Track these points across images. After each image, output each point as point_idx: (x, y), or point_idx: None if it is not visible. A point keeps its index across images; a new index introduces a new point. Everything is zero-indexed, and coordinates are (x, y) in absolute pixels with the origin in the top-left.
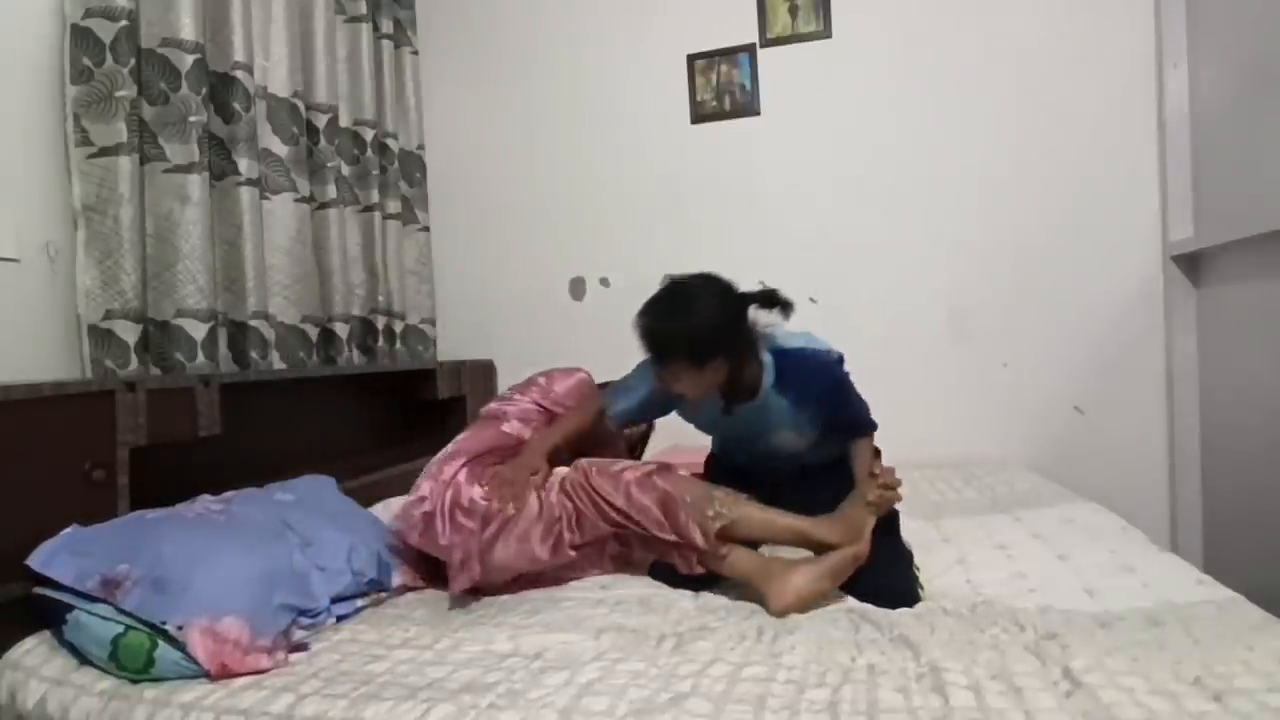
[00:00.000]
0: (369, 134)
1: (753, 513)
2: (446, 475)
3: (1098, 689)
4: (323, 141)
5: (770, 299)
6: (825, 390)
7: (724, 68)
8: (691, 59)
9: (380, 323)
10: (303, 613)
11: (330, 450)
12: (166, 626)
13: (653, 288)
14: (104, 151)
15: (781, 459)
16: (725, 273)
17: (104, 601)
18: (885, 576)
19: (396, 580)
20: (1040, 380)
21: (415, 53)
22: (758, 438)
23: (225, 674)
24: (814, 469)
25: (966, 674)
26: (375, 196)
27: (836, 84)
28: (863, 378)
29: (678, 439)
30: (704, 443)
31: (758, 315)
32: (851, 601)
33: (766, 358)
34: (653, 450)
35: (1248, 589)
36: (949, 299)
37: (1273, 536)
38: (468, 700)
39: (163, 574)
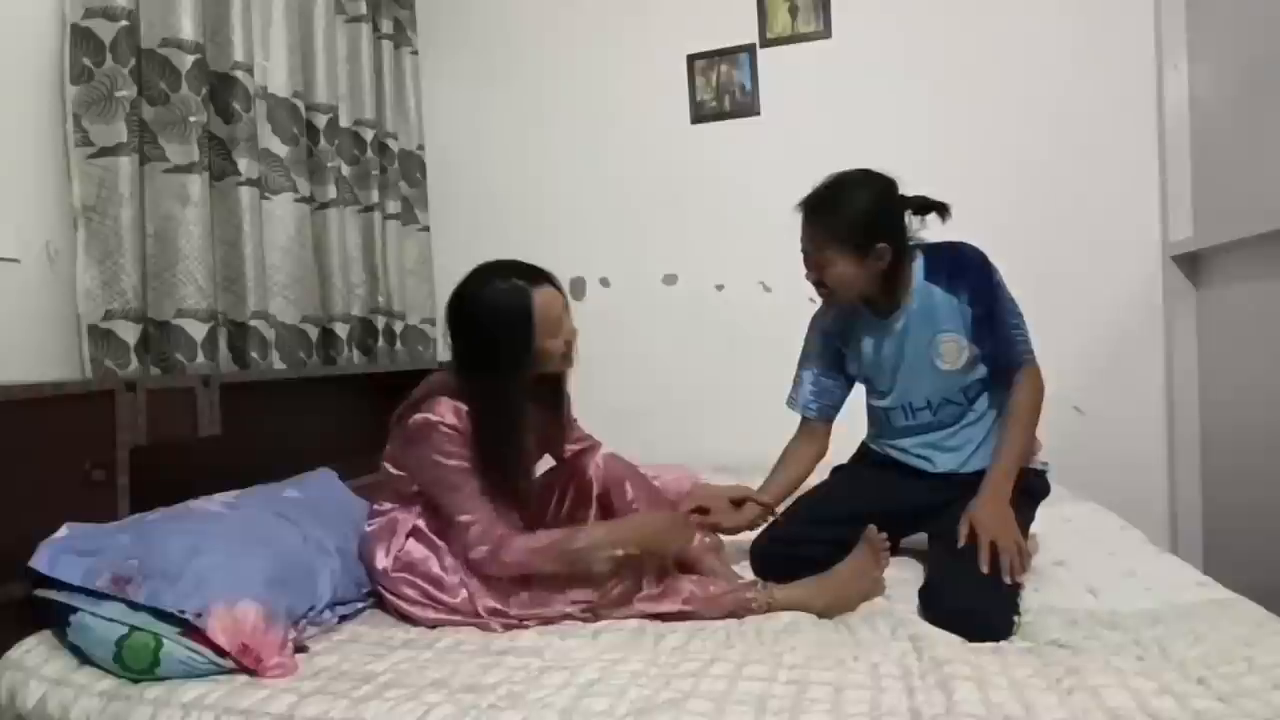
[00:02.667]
0: (369, 134)
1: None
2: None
3: (1101, 689)
4: (323, 141)
5: (925, 204)
6: (978, 265)
7: (724, 68)
8: (691, 59)
9: (380, 323)
10: (306, 611)
11: (330, 450)
12: (185, 615)
13: (653, 287)
14: (104, 151)
15: (946, 416)
16: (725, 273)
17: (114, 599)
18: (971, 598)
19: None
20: None
21: (415, 53)
22: (924, 361)
23: (246, 655)
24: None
25: (969, 673)
26: (375, 196)
27: (836, 84)
28: None
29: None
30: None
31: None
32: (876, 607)
33: (916, 257)
34: (665, 457)
35: (1248, 589)
36: None
37: (1273, 536)
38: (468, 700)
39: (174, 569)
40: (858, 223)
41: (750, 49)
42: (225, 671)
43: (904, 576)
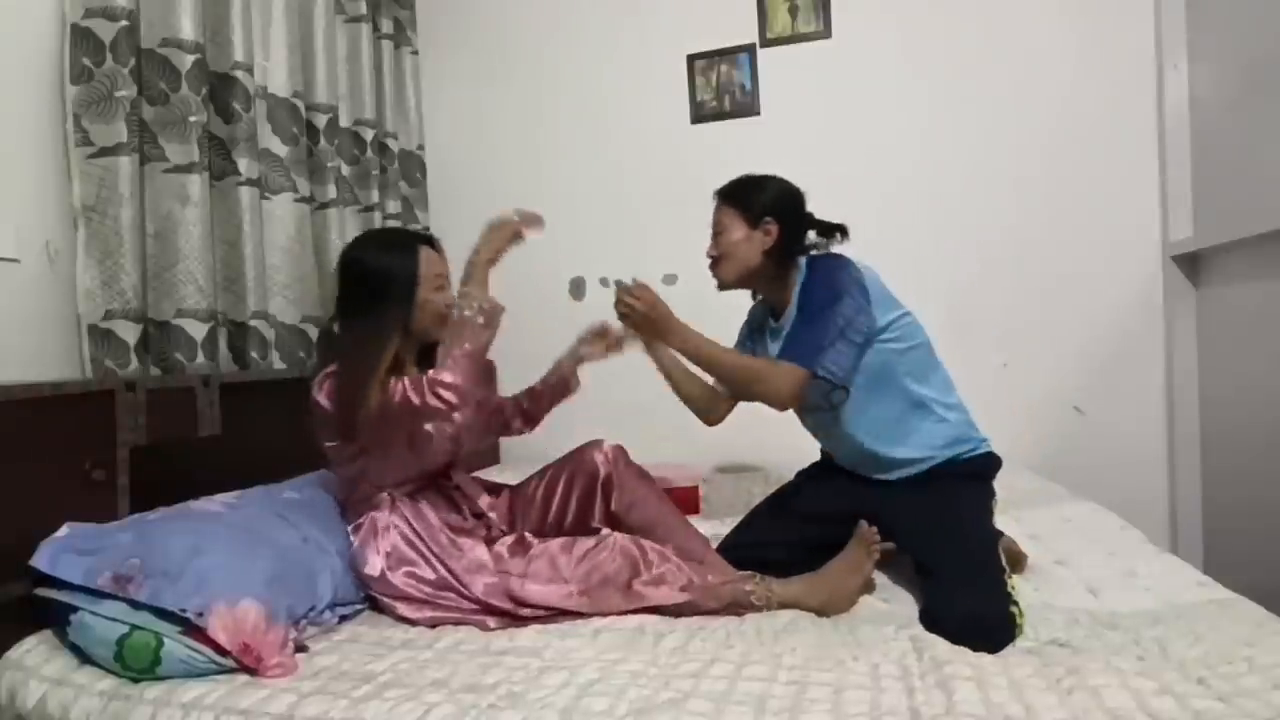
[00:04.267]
0: (369, 134)
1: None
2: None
3: (1101, 689)
4: (323, 141)
5: (829, 228)
6: (827, 273)
7: (724, 68)
8: (691, 59)
9: None
10: (307, 611)
11: None
12: (186, 614)
13: (653, 287)
14: (104, 151)
15: (824, 419)
16: None
17: (116, 598)
18: (958, 603)
19: None
20: (1040, 380)
21: (415, 53)
22: None
23: (246, 654)
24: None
25: (969, 673)
26: (375, 196)
27: (836, 84)
28: None
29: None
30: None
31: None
32: (875, 608)
33: (800, 265)
34: (667, 456)
35: (1248, 589)
36: (949, 298)
37: (1273, 536)
38: (468, 700)
39: (175, 568)
40: (755, 198)
41: (750, 49)
42: (225, 671)
43: (902, 577)
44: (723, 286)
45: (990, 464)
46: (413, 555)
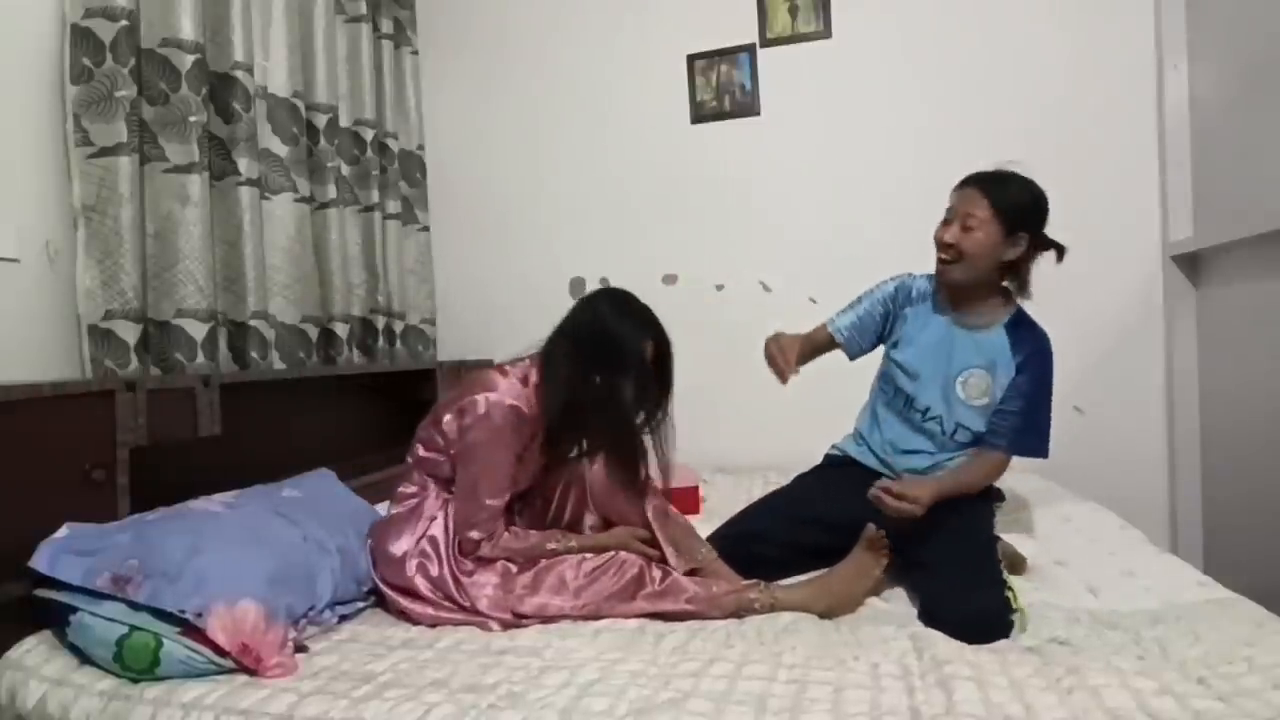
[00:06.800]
0: (369, 134)
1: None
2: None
3: (1101, 688)
4: (323, 141)
5: (1052, 245)
6: (1048, 352)
7: (724, 68)
8: (691, 59)
9: (380, 323)
10: (306, 611)
11: (330, 450)
12: (185, 614)
13: (652, 287)
14: (104, 151)
15: (934, 440)
16: (725, 272)
17: (114, 599)
18: (958, 598)
19: None
20: None
21: (415, 53)
22: (952, 372)
23: (246, 655)
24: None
25: (969, 673)
26: (375, 196)
27: (836, 84)
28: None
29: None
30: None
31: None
32: (875, 608)
33: (1013, 304)
34: None
35: (1248, 589)
36: None
37: (1273, 536)
38: (468, 700)
39: (174, 568)
40: (1018, 204)
41: (750, 49)
42: (225, 671)
43: (902, 577)
44: (950, 282)
45: (994, 490)
46: (430, 552)
